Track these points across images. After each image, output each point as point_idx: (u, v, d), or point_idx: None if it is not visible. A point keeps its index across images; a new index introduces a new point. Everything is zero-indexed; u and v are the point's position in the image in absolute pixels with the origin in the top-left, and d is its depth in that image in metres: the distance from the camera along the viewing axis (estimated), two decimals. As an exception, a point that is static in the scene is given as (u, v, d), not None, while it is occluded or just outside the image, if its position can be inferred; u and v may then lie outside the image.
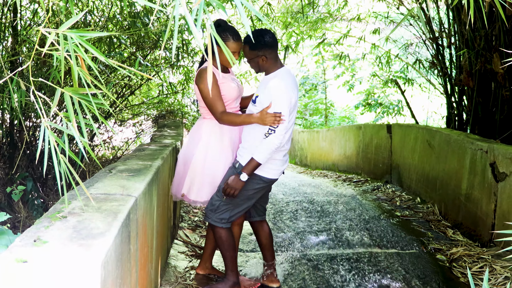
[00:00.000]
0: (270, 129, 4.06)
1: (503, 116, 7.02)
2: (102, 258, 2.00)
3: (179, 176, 4.58)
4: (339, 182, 11.23)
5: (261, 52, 4.15)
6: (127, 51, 7.21)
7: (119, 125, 9.44)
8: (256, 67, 4.27)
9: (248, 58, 4.24)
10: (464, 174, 6.15)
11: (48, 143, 2.28)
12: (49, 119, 2.97)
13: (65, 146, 2.33)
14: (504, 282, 4.62)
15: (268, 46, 4.16)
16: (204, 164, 4.43)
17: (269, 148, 4.08)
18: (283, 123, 4.05)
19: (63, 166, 2.30)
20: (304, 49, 16.63)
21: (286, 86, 4.10)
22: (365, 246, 5.80)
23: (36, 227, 2.24)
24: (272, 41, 4.18)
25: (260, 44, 4.14)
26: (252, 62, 4.24)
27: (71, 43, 2.21)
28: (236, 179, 4.16)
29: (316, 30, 13.22)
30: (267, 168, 4.25)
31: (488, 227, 5.50)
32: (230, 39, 4.24)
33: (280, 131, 4.06)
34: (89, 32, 2.31)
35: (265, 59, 4.17)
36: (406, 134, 8.80)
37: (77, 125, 2.38)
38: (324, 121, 22.31)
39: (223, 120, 4.27)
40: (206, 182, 4.46)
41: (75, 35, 2.22)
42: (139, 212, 2.98)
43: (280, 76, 4.17)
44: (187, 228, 6.17)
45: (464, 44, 7.62)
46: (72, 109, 2.31)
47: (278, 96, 4.06)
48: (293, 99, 4.13)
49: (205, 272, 4.84)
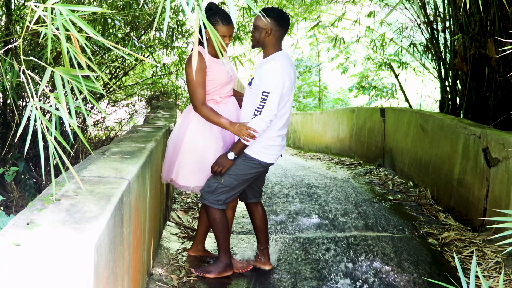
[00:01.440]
0: (257, 110, 4.08)
1: (497, 102, 7.04)
2: (95, 242, 2.00)
3: (169, 160, 4.57)
4: (332, 164, 11.25)
5: (269, 24, 4.13)
6: (121, 31, 7.17)
7: (112, 105, 9.41)
8: (256, 39, 4.23)
9: (254, 24, 4.22)
10: (457, 159, 6.17)
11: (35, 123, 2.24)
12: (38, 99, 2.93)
13: (52, 127, 2.28)
14: (495, 267, 4.65)
15: (275, 21, 4.15)
16: (194, 149, 4.42)
17: (257, 129, 4.11)
18: (270, 105, 4.06)
19: (51, 148, 2.27)
20: (299, 31, 16.57)
21: (282, 68, 4.10)
22: (357, 229, 5.82)
23: (29, 210, 2.23)
24: (282, 18, 4.19)
25: (268, 15, 4.12)
26: (256, 31, 4.21)
27: (60, 19, 2.13)
28: (224, 157, 4.22)
29: (311, 12, 13.16)
30: (265, 153, 4.28)
31: (480, 212, 5.53)
32: (219, 23, 4.21)
33: (265, 114, 4.07)
34: (79, 6, 2.24)
35: (269, 33, 4.15)
36: (400, 118, 8.81)
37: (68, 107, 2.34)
38: (318, 103, 22.32)
39: (200, 111, 4.28)
40: (196, 167, 4.45)
41: (65, 9, 2.15)
42: (132, 195, 2.98)
43: (277, 58, 4.16)
44: (179, 210, 6.17)
45: (459, 28, 7.61)
46: (62, 90, 2.26)
47: (271, 78, 4.06)
48: (286, 82, 4.12)
49: (197, 254, 4.86)
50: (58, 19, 2.14)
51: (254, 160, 4.27)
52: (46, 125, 2.25)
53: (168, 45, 8.26)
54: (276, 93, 4.06)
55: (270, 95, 4.05)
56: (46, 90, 5.19)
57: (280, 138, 4.33)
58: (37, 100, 2.27)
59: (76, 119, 3.15)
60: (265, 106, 4.06)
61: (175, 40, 7.96)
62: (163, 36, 7.76)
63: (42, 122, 2.25)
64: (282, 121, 4.26)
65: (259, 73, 4.15)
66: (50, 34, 2.17)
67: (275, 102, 4.07)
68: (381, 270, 4.77)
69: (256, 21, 4.20)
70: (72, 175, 2.84)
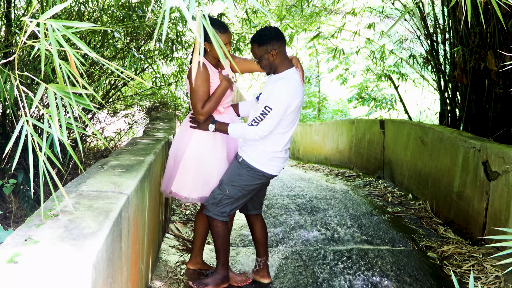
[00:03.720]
0: (254, 121, 4.08)
1: (496, 114, 7.03)
2: (93, 260, 1.99)
3: (169, 173, 4.55)
4: (331, 176, 11.24)
5: (270, 47, 4.11)
6: (121, 42, 7.17)
7: (111, 116, 9.41)
8: (267, 66, 4.20)
9: (258, 57, 4.18)
10: (457, 172, 6.15)
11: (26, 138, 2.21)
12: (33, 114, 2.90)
13: (43, 144, 2.27)
14: (494, 281, 4.63)
15: (275, 40, 4.12)
16: (197, 161, 4.41)
17: (243, 134, 4.19)
18: (269, 122, 4.07)
19: (41, 165, 2.25)
20: (298, 41, 16.60)
21: (292, 90, 4.12)
22: (356, 242, 5.80)
23: (27, 226, 2.22)
24: (278, 34, 4.17)
25: (267, 38, 4.11)
26: (263, 60, 4.17)
27: (52, 35, 2.11)
28: (206, 124, 4.34)
29: (311, 23, 13.20)
30: (269, 165, 4.29)
31: (480, 226, 5.51)
32: (218, 32, 4.21)
33: (261, 128, 4.09)
34: (73, 22, 2.21)
35: (275, 54, 4.13)
36: (399, 130, 8.80)
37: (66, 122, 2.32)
38: (317, 114, 22.31)
39: (200, 119, 4.35)
40: (200, 179, 4.45)
41: (59, 26, 2.13)
42: (131, 209, 2.97)
43: (288, 78, 4.15)
44: (178, 222, 6.15)
45: (459, 40, 7.62)
46: (55, 106, 2.24)
47: (278, 98, 4.05)
48: (292, 105, 4.12)
49: (196, 267, 4.83)
50: (50, 35, 2.12)
51: (258, 172, 4.28)
52: (38, 141, 2.23)
53: (167, 56, 8.27)
54: (279, 113, 4.07)
55: (272, 111, 4.04)
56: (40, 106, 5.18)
57: (284, 151, 4.36)
58: (29, 116, 2.25)
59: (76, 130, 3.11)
60: (264, 120, 4.06)
61: (175, 51, 7.97)
62: (164, 48, 7.77)
63: (34, 139, 2.22)
64: (287, 137, 4.29)
65: (268, 90, 4.13)
66: (43, 50, 2.15)
67: (275, 120, 4.09)
68: (381, 284, 4.75)
69: (258, 52, 4.17)
70: (71, 189, 2.83)
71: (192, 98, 4.31)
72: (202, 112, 4.27)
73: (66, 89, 2.27)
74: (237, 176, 4.30)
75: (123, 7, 5.92)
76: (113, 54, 7.58)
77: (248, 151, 4.28)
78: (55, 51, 2.13)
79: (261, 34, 4.13)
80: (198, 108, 4.28)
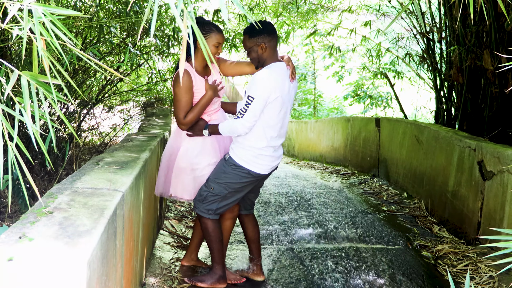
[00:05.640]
0: (240, 113, 4.07)
1: (492, 113, 7.04)
2: (87, 258, 1.98)
3: (163, 176, 4.52)
4: (326, 174, 11.24)
5: (260, 39, 4.12)
6: (117, 38, 7.15)
7: (106, 111, 9.38)
8: (255, 59, 4.20)
9: (247, 48, 4.19)
10: (452, 171, 6.16)
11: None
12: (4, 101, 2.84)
13: (14, 133, 2.19)
14: (488, 281, 4.64)
15: (267, 33, 4.13)
16: (188, 162, 4.39)
17: (231, 129, 4.16)
18: (253, 111, 4.04)
19: (11, 156, 2.18)
20: (295, 38, 16.57)
21: (272, 76, 4.08)
22: (351, 240, 5.80)
23: (21, 223, 2.21)
24: (270, 29, 4.18)
25: (258, 31, 4.10)
26: (252, 52, 4.18)
27: (37, 20, 2.03)
28: (199, 128, 4.33)
29: (308, 20, 13.19)
30: (255, 162, 4.22)
31: (474, 225, 5.52)
32: (214, 30, 4.21)
33: (246, 119, 4.05)
34: (60, 8, 2.13)
35: (264, 48, 4.12)
36: (395, 128, 8.81)
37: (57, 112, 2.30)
38: (313, 111, 22.30)
39: (182, 128, 4.33)
40: (191, 179, 4.43)
41: (44, 10, 2.05)
42: (126, 207, 2.96)
43: (272, 68, 4.13)
44: (173, 218, 6.15)
45: (455, 39, 7.63)
46: (27, 94, 2.17)
47: (258, 84, 4.04)
48: (273, 95, 4.07)
49: (190, 263, 4.82)
50: (35, 19, 2.03)
51: (243, 169, 4.23)
52: (8, 129, 2.17)
53: (164, 52, 8.25)
54: (259, 101, 4.04)
55: (254, 100, 4.03)
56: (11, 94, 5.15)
57: (271, 149, 4.27)
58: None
59: (72, 125, 3.07)
60: (247, 110, 4.04)
61: (171, 46, 7.95)
62: (156, 42, 7.74)
63: (4, 125, 2.18)
64: (273, 131, 4.21)
65: (250, 80, 4.15)
66: (25, 36, 2.07)
67: (258, 108, 4.05)
68: (375, 283, 4.75)
69: (248, 44, 4.19)
70: (66, 186, 2.82)
71: (175, 107, 4.28)
72: (184, 122, 4.24)
73: (40, 78, 2.21)
74: (222, 174, 4.27)
75: (120, 3, 5.89)
76: (109, 50, 7.56)
77: (236, 149, 4.24)
78: (38, 36, 2.06)
79: (253, 27, 4.14)
80: (180, 118, 4.24)
